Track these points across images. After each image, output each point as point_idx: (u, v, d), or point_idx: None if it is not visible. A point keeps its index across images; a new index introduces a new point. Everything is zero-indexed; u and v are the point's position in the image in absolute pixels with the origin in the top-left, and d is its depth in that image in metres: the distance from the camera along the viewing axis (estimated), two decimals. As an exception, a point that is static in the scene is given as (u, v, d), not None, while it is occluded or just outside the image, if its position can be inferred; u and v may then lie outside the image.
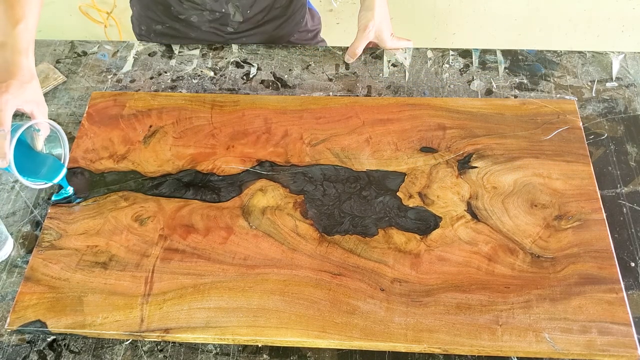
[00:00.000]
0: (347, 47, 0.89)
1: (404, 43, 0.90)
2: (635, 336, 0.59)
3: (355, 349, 0.62)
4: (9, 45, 0.66)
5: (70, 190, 0.72)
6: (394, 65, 0.87)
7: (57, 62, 0.90)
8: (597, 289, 0.62)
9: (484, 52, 0.88)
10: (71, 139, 0.79)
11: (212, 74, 0.87)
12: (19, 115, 0.81)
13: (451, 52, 0.88)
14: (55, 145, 0.71)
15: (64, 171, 0.70)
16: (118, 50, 0.91)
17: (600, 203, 0.69)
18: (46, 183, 0.69)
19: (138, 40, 1.04)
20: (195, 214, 0.70)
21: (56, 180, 0.69)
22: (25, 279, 0.65)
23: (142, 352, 0.62)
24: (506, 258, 0.65)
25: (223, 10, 0.92)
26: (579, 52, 0.87)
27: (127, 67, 0.89)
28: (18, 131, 0.63)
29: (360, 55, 0.88)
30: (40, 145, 0.69)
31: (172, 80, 0.87)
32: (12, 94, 0.63)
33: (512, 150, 0.74)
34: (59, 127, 0.69)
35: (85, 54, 0.91)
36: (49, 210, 0.71)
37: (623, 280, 0.63)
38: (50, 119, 0.82)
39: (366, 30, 0.86)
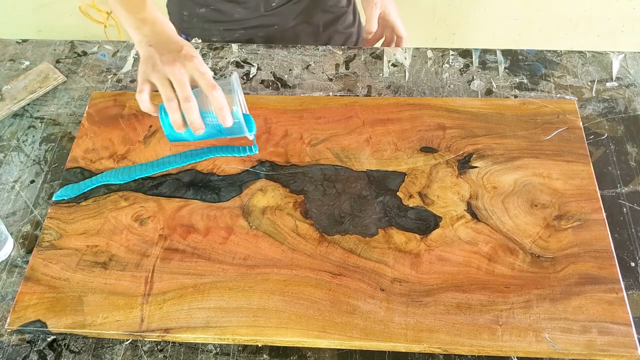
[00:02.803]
0: (347, 47, 0.89)
1: (403, 29, 0.92)
2: (635, 336, 0.59)
3: (355, 348, 0.62)
4: (149, 21, 0.66)
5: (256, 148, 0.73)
6: (394, 65, 0.87)
7: (57, 62, 0.90)
8: (597, 289, 0.62)
9: (484, 52, 0.88)
10: (71, 139, 0.79)
11: (212, 74, 0.87)
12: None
13: (451, 52, 0.88)
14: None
15: (252, 120, 0.69)
16: (118, 50, 0.91)
17: (600, 203, 0.69)
18: (250, 134, 0.68)
19: (178, 27, 1.02)
20: (195, 214, 0.70)
21: (255, 130, 0.69)
22: (25, 279, 0.65)
23: (142, 352, 0.62)
24: (506, 258, 0.65)
25: None
26: (579, 52, 0.87)
27: (127, 67, 0.89)
28: (236, 87, 0.63)
29: (361, 55, 0.88)
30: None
31: (172, 80, 0.87)
32: (197, 56, 0.63)
33: (512, 150, 0.74)
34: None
35: (85, 54, 0.91)
36: (49, 210, 0.71)
37: (623, 280, 0.63)
38: (50, 118, 0.82)
39: (372, 2, 0.87)
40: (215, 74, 0.87)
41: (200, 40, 0.95)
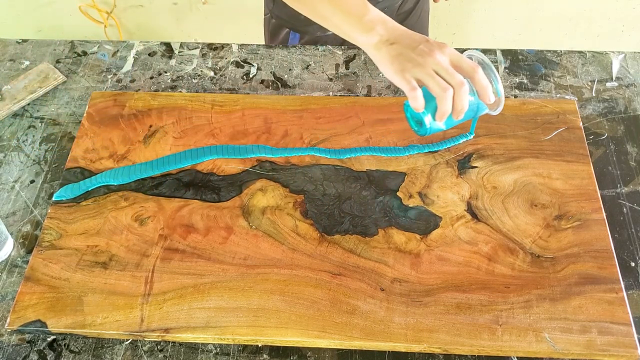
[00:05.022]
0: (347, 47, 0.89)
1: None
2: (635, 336, 0.59)
3: (355, 348, 0.62)
4: (378, 20, 0.64)
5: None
6: (394, 65, 0.87)
7: (57, 62, 0.90)
8: (597, 289, 0.62)
9: (484, 52, 0.88)
10: (71, 139, 0.79)
11: (212, 73, 0.87)
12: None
13: (451, 52, 0.88)
14: None
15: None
16: (118, 50, 0.91)
17: (600, 203, 0.69)
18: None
19: (292, 28, 0.99)
20: (195, 214, 0.70)
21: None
22: (25, 278, 0.65)
23: (142, 352, 0.62)
24: (506, 258, 0.65)
25: None
26: (579, 52, 0.87)
27: (127, 67, 0.89)
28: (489, 62, 0.63)
29: (360, 55, 0.88)
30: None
31: (172, 80, 0.87)
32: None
33: (512, 150, 0.74)
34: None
35: (85, 54, 0.91)
36: (49, 210, 0.71)
37: (623, 280, 0.63)
38: (50, 118, 0.82)
39: None
40: (215, 74, 0.87)
41: (200, 40, 0.95)
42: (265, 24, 1.06)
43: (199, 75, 0.87)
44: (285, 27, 1.00)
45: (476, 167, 0.72)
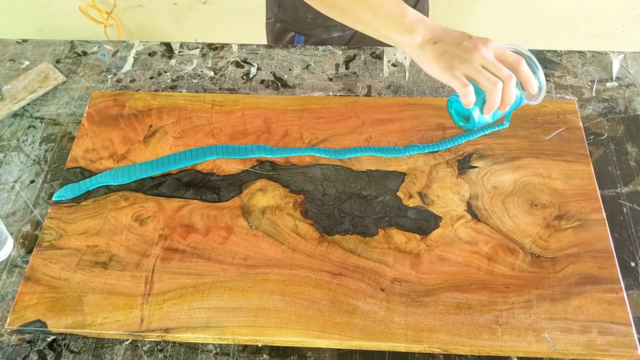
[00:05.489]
0: (347, 47, 0.89)
1: None
2: (635, 336, 0.59)
3: (355, 348, 0.62)
4: (418, 20, 0.64)
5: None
6: (394, 65, 0.87)
7: (57, 62, 0.90)
8: (597, 289, 0.62)
9: (484, 52, 0.88)
10: (71, 139, 0.79)
11: (212, 73, 0.87)
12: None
13: (451, 52, 0.88)
14: None
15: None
16: (118, 50, 0.91)
17: (600, 203, 0.69)
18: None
19: (298, 31, 0.99)
20: (195, 214, 0.70)
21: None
22: (25, 278, 0.65)
23: (142, 352, 0.62)
24: (506, 258, 0.65)
25: None
26: (579, 52, 0.87)
27: (127, 67, 0.89)
28: (529, 53, 0.64)
29: (361, 55, 0.88)
30: None
31: (172, 80, 0.87)
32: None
33: (512, 150, 0.74)
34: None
35: (85, 53, 0.91)
36: (49, 210, 0.71)
37: (623, 280, 0.63)
38: (50, 118, 0.82)
39: None
40: (215, 74, 0.87)
41: (200, 40, 0.95)
42: (268, 27, 1.06)
43: (199, 75, 0.87)
44: (291, 30, 1.00)
45: (476, 167, 0.72)
